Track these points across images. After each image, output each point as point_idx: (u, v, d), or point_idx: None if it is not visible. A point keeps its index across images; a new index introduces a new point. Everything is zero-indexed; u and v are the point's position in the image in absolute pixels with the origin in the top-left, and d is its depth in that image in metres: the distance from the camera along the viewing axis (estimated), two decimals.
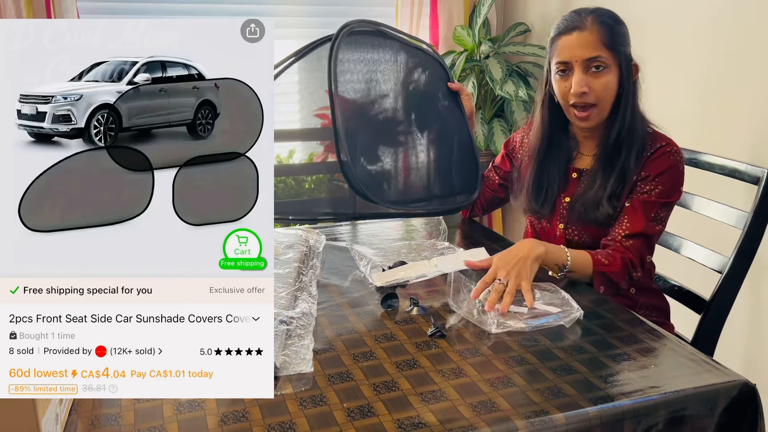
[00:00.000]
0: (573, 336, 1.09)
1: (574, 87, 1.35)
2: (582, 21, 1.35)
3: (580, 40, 1.34)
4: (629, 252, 1.34)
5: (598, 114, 1.37)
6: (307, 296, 1.18)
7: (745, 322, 2.01)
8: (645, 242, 1.36)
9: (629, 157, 1.37)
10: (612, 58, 1.35)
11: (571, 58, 1.35)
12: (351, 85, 1.39)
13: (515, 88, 2.67)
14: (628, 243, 1.35)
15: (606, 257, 1.34)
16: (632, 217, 1.36)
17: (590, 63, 1.34)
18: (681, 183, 1.39)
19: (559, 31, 1.38)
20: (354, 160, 1.34)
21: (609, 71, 1.35)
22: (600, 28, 1.34)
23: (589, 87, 1.35)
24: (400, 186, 1.44)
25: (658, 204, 1.36)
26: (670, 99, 2.19)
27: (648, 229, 1.36)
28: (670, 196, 1.37)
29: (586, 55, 1.34)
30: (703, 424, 0.93)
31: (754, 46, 1.92)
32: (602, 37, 1.33)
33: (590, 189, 1.41)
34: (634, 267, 1.35)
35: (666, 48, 2.20)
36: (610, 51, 1.34)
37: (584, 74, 1.35)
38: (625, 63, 1.37)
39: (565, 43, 1.36)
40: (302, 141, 1.62)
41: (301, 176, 1.50)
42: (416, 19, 3.01)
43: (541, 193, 1.47)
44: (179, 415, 0.86)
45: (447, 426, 0.84)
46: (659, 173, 1.36)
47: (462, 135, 1.53)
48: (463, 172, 1.52)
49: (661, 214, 1.37)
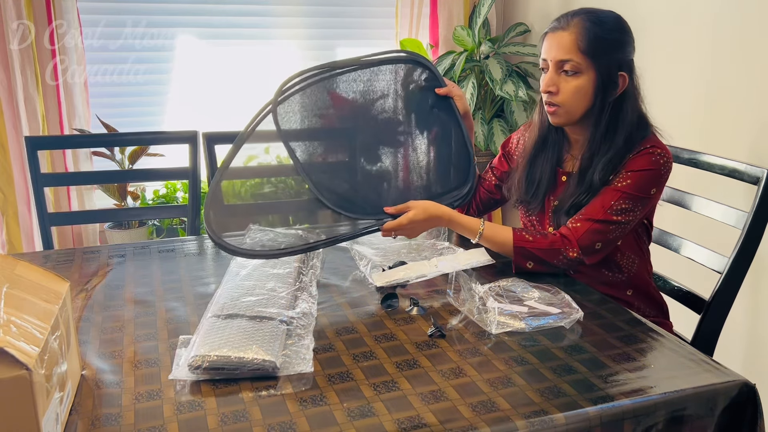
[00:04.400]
0: (573, 336, 1.09)
1: (542, 85, 1.38)
2: (568, 21, 1.35)
3: (559, 40, 1.34)
4: (570, 232, 1.33)
5: (565, 114, 1.37)
6: (307, 296, 1.18)
7: (745, 322, 2.01)
8: (594, 228, 1.33)
9: (595, 169, 1.36)
10: (587, 63, 1.32)
11: (548, 56, 1.37)
12: (322, 120, 1.41)
13: (515, 88, 2.67)
14: (575, 225, 1.35)
15: (532, 235, 1.35)
16: (593, 203, 1.35)
17: (562, 65, 1.34)
18: (655, 185, 1.34)
19: (548, 29, 1.40)
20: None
21: (581, 76, 1.33)
22: (581, 31, 1.32)
23: (558, 87, 1.35)
24: (397, 197, 1.44)
25: (620, 194, 1.33)
26: (670, 99, 2.19)
27: (603, 216, 1.33)
28: (639, 191, 1.33)
29: (558, 57, 1.34)
30: (702, 424, 0.93)
31: (754, 47, 1.92)
32: (579, 41, 1.32)
33: (565, 195, 1.41)
34: (568, 246, 1.32)
35: (667, 49, 2.20)
36: (586, 56, 1.32)
37: (556, 74, 1.36)
38: (605, 71, 1.33)
39: (547, 40, 1.38)
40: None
41: (301, 176, 1.50)
42: (416, 19, 3.01)
43: (531, 186, 1.48)
44: (179, 415, 0.86)
45: (447, 426, 0.84)
46: (635, 169, 1.34)
47: (457, 137, 1.52)
48: (459, 171, 1.52)
49: (623, 206, 1.33)
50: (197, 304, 1.21)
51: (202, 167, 1.92)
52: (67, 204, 2.64)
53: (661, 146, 1.35)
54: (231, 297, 1.13)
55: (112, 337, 1.09)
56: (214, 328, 1.02)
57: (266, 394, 0.91)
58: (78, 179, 2.45)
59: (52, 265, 1.43)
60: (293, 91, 1.39)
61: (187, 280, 1.34)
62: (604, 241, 1.34)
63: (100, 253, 1.51)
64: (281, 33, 2.95)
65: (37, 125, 2.51)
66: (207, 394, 0.92)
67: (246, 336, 0.99)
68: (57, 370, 0.82)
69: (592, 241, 1.33)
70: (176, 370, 0.96)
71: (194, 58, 2.85)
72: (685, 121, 2.15)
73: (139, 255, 1.50)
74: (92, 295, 1.27)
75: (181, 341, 1.03)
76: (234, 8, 2.85)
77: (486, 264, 1.32)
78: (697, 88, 2.11)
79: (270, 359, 0.95)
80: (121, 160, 2.64)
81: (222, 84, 2.90)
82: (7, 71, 2.44)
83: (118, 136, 2.51)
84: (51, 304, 0.87)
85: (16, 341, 0.74)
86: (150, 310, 1.19)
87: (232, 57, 2.89)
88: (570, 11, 1.38)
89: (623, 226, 1.34)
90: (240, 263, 1.30)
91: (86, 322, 1.15)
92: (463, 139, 1.52)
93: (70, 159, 2.63)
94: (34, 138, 1.91)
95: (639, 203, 1.34)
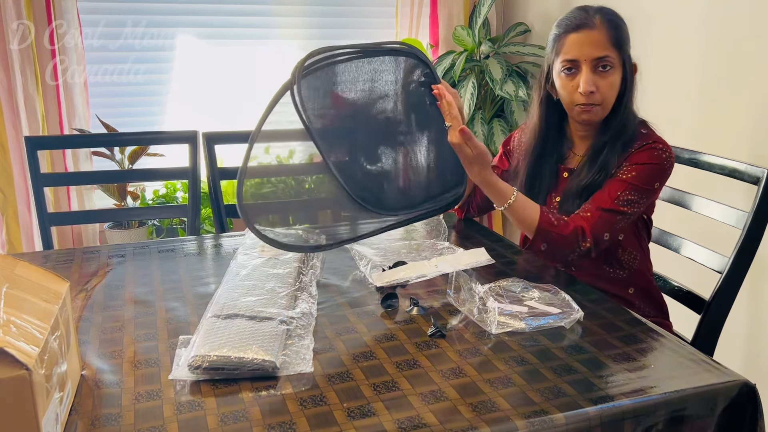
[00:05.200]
0: (573, 336, 1.09)
1: (583, 86, 1.34)
2: (591, 19, 1.34)
3: (591, 38, 1.33)
4: (584, 221, 1.34)
5: (600, 111, 1.38)
6: (307, 296, 1.18)
7: (745, 322, 2.01)
8: (603, 217, 1.34)
9: (612, 150, 1.38)
10: (618, 58, 1.35)
11: (580, 56, 1.34)
12: (324, 111, 1.37)
13: (515, 88, 2.67)
14: (586, 214, 1.35)
15: (557, 219, 1.35)
16: (600, 194, 1.36)
17: (598, 62, 1.34)
18: (658, 179, 1.37)
19: (567, 29, 1.37)
20: (350, 181, 1.34)
21: (614, 71, 1.35)
22: (608, 27, 1.34)
23: (597, 86, 1.35)
24: (396, 194, 1.43)
25: (627, 184, 1.34)
26: (670, 99, 2.19)
27: (611, 206, 1.34)
28: (643, 183, 1.35)
29: (595, 54, 1.33)
30: (703, 424, 0.93)
31: (754, 47, 1.92)
32: (610, 36, 1.33)
33: (573, 183, 1.42)
34: (584, 237, 1.33)
35: (666, 48, 2.20)
36: (617, 51, 1.34)
37: (592, 73, 1.34)
38: (627, 62, 1.37)
39: (573, 40, 1.35)
40: (301, 141, 1.61)
41: (301, 176, 1.50)
42: (416, 19, 3.01)
43: (532, 192, 1.48)
44: (179, 415, 0.86)
45: (447, 426, 0.84)
46: (639, 162, 1.36)
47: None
48: (455, 170, 1.52)
49: (630, 197, 1.35)
50: (197, 304, 1.21)
51: (202, 167, 1.92)
52: (67, 204, 2.64)
53: (662, 142, 1.38)
54: (231, 297, 1.13)
55: (112, 337, 1.09)
56: (214, 328, 1.02)
57: (266, 394, 0.91)
58: (78, 179, 2.45)
59: (52, 265, 1.43)
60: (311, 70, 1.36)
61: (187, 280, 1.34)
62: (611, 231, 1.36)
63: (100, 253, 1.51)
64: (281, 33, 2.95)
65: (37, 125, 2.51)
66: (207, 394, 0.92)
67: (246, 336, 0.99)
68: (57, 370, 0.82)
69: (602, 231, 1.34)
70: (176, 370, 0.96)
71: (194, 58, 2.85)
72: (685, 121, 2.15)
73: (139, 255, 1.50)
74: (92, 295, 1.27)
75: (181, 341, 1.03)
76: (234, 8, 2.85)
77: (486, 264, 1.32)
78: (698, 87, 2.11)
79: (270, 359, 0.95)
80: (121, 160, 2.64)
81: (222, 84, 2.90)
82: (7, 71, 2.44)
83: (118, 136, 2.50)
84: (51, 304, 0.87)
85: (16, 341, 0.74)
86: (150, 310, 1.19)
87: (232, 57, 2.89)
88: (580, 10, 1.37)
89: (628, 217, 1.36)
90: (240, 263, 1.30)
91: (86, 322, 1.15)
92: None
93: (70, 159, 2.63)
94: (34, 138, 1.91)
95: (644, 195, 1.36)
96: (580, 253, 1.35)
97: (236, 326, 1.02)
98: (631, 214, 1.36)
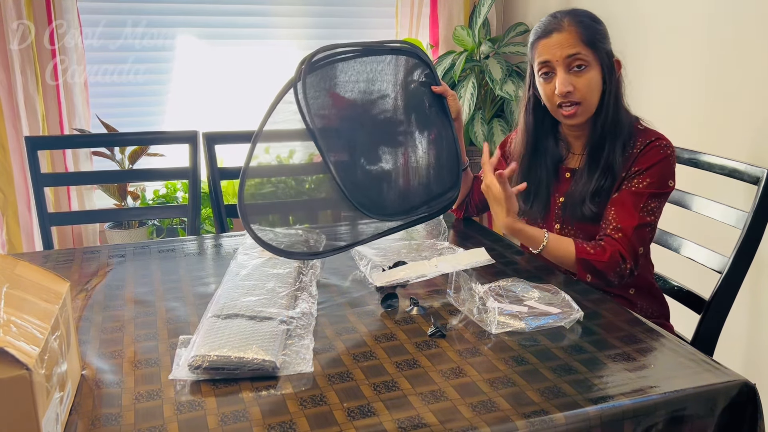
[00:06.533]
0: (573, 336, 1.09)
1: (559, 87, 1.36)
2: (559, 23, 1.37)
3: (559, 40, 1.36)
4: (619, 244, 1.34)
5: (584, 111, 1.38)
6: (307, 296, 1.18)
7: (745, 322, 2.01)
8: (636, 234, 1.35)
9: (613, 149, 1.38)
10: (592, 55, 1.36)
11: (551, 57, 1.36)
12: (325, 109, 1.36)
13: (515, 88, 2.67)
14: (618, 236, 1.35)
15: (593, 247, 1.35)
16: (621, 210, 1.36)
17: (571, 61, 1.35)
18: (671, 175, 1.39)
19: (537, 36, 1.40)
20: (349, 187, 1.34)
21: (590, 69, 1.36)
22: (577, 27, 1.36)
23: (573, 86, 1.36)
24: (394, 197, 1.43)
25: (646, 194, 1.36)
26: (670, 99, 2.19)
27: (638, 220, 1.35)
28: (660, 188, 1.36)
29: (566, 53, 1.35)
30: (702, 424, 0.93)
31: (754, 47, 1.92)
32: (580, 35, 1.35)
33: (577, 185, 1.42)
34: (624, 259, 1.34)
35: (666, 48, 2.20)
36: (590, 48, 1.35)
37: (567, 74, 1.36)
38: (607, 60, 1.38)
39: (544, 45, 1.38)
40: (302, 141, 1.61)
41: (301, 176, 1.50)
42: (416, 19, 3.01)
43: (528, 196, 1.49)
44: (179, 415, 0.86)
45: (447, 426, 0.84)
46: (649, 166, 1.36)
47: (447, 136, 1.52)
48: (450, 172, 1.52)
49: (651, 205, 1.36)
50: (197, 304, 1.21)
51: (202, 167, 1.92)
52: (67, 204, 2.64)
53: (661, 136, 1.40)
54: (231, 297, 1.13)
55: (112, 337, 1.09)
56: (214, 328, 1.02)
57: (266, 394, 0.91)
58: (78, 179, 2.45)
59: (52, 265, 1.43)
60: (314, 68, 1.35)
61: (187, 280, 1.34)
62: (644, 245, 1.38)
63: (100, 253, 1.51)
64: (281, 33, 2.95)
65: (37, 125, 2.51)
66: (207, 394, 0.92)
67: (246, 336, 0.99)
68: (57, 370, 0.82)
69: (636, 248, 1.36)
70: (176, 370, 0.96)
71: (194, 58, 2.85)
72: (685, 121, 2.15)
73: (139, 255, 1.50)
74: (92, 295, 1.27)
75: (181, 341, 1.03)
76: (234, 8, 2.85)
77: (486, 264, 1.32)
78: (698, 87, 2.11)
79: (270, 359, 0.95)
80: (121, 160, 2.64)
81: (222, 84, 2.90)
82: (7, 71, 2.44)
83: (118, 136, 2.51)
84: (51, 304, 0.87)
85: (16, 341, 0.74)
86: (150, 310, 1.19)
87: (232, 57, 2.89)
88: (550, 16, 1.41)
89: (655, 224, 1.39)
90: (240, 263, 1.30)
91: (86, 322, 1.15)
92: (453, 140, 1.52)
93: (70, 159, 2.63)
94: (34, 138, 1.91)
95: (663, 197, 1.39)
96: (623, 275, 1.36)
97: (236, 326, 1.02)
98: (656, 222, 1.38)
